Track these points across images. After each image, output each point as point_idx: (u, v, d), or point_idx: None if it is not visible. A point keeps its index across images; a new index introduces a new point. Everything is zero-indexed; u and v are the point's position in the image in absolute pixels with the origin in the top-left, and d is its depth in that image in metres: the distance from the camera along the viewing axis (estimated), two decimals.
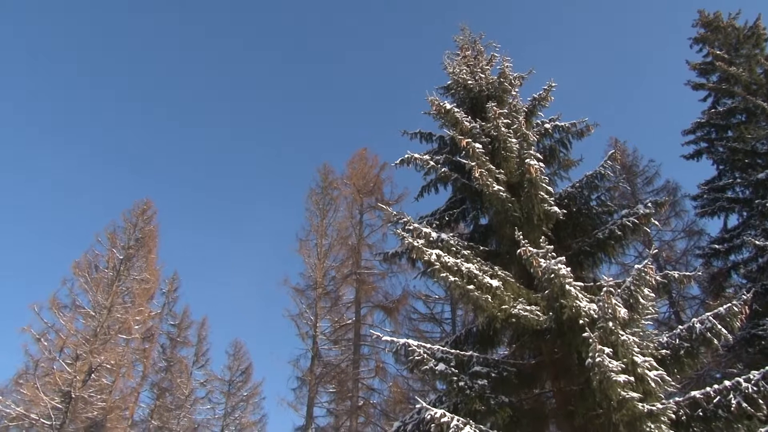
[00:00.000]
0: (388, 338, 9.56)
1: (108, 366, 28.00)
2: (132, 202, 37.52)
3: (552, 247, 9.25)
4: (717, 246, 19.64)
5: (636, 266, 9.19)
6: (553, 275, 8.61)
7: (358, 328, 29.00)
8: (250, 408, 38.29)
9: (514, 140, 11.69)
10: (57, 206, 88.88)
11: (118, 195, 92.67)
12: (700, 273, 13.44)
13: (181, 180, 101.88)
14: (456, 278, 9.18)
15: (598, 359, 7.55)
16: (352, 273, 29.88)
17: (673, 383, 9.24)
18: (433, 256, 9.52)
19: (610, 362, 7.56)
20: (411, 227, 10.99)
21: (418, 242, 9.89)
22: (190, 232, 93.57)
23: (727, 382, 8.64)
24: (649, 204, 11.09)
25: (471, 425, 8.05)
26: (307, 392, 29.03)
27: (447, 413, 8.13)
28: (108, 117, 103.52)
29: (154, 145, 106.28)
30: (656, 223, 11.55)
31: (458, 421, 8.02)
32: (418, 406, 8.62)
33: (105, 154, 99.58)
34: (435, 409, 8.19)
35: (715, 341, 9.13)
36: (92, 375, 27.27)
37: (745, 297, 9.42)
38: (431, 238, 10.76)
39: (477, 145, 11.36)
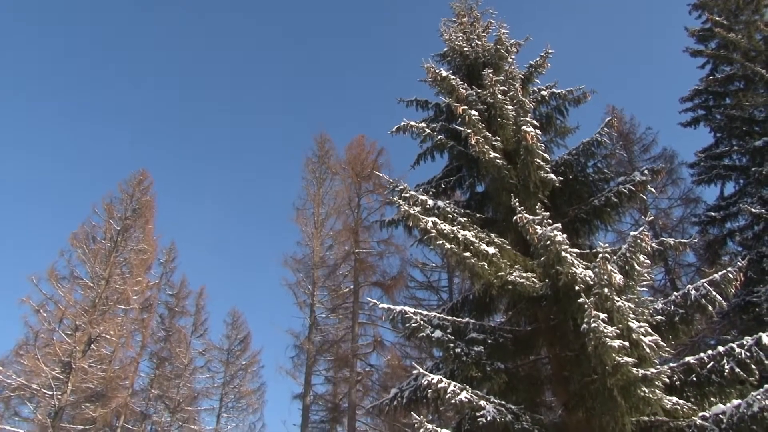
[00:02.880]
0: (385, 306, 9.60)
1: (107, 336, 28.17)
2: (128, 172, 37.33)
3: (548, 214, 9.25)
4: (713, 214, 19.69)
5: (632, 233, 9.20)
6: (549, 242, 8.62)
7: (356, 308, 29.22)
8: (248, 377, 38.62)
9: (510, 107, 11.63)
10: (53, 177, 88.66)
11: (115, 165, 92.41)
12: (695, 240, 13.48)
13: (178, 150, 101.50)
14: (452, 245, 9.20)
15: (593, 325, 7.60)
16: (351, 253, 30.01)
17: (667, 349, 9.32)
18: (429, 224, 9.52)
19: (605, 328, 7.60)
20: (407, 195, 10.98)
21: (414, 210, 9.89)
22: (187, 202, 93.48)
23: (720, 348, 8.71)
24: (646, 171, 11.08)
25: (467, 391, 8.13)
26: (305, 360, 29.29)
27: (444, 379, 8.21)
28: (104, 85, 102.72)
29: (152, 114, 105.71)
30: (653, 190, 11.56)
31: (455, 386, 8.10)
32: (415, 372, 8.69)
33: (100, 123, 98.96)
34: (432, 375, 8.27)
35: (710, 308, 9.18)
36: (92, 345, 27.44)
37: (740, 264, 9.45)
38: (427, 206, 10.76)
39: (473, 112, 11.31)
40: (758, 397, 7.58)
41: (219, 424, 36.37)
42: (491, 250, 9.32)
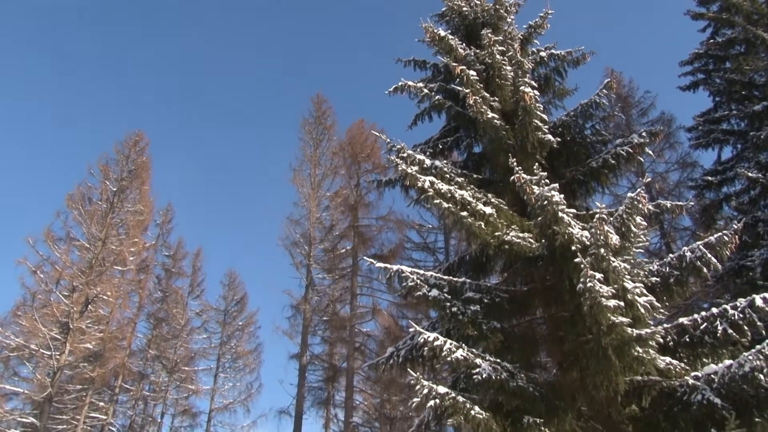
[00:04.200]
0: (382, 265, 9.63)
1: (104, 297, 28.25)
2: (124, 133, 37.05)
3: (545, 174, 9.23)
4: (710, 178, 19.68)
5: (629, 194, 9.20)
6: (546, 202, 8.61)
7: (354, 280, 29.46)
8: (245, 337, 38.90)
9: (508, 68, 11.54)
10: (49, 137, 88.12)
11: (110, 125, 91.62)
12: (692, 204, 13.50)
13: (174, 110, 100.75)
14: (449, 205, 9.19)
15: (589, 284, 7.63)
16: (351, 227, 30.24)
17: (662, 311, 9.39)
18: (427, 183, 9.51)
19: (600, 287, 7.64)
20: (405, 154, 10.94)
21: (411, 169, 9.86)
22: (184, 162, 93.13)
23: (714, 310, 8.76)
24: (644, 134, 11.05)
25: (463, 349, 8.19)
26: (302, 321, 29.53)
27: (440, 337, 8.26)
28: (98, 42, 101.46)
29: (147, 73, 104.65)
30: (650, 153, 11.53)
31: (451, 344, 8.16)
32: (411, 329, 8.75)
33: (95, 83, 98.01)
34: (428, 333, 8.32)
35: (705, 270, 9.21)
36: (89, 306, 27.53)
37: (735, 227, 9.47)
38: (425, 165, 10.73)
39: (471, 72, 11.21)
40: (750, 357, 7.64)
41: (216, 384, 36.74)
42: (488, 210, 9.32)
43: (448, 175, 10.60)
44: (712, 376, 8.05)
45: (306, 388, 29.19)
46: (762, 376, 7.48)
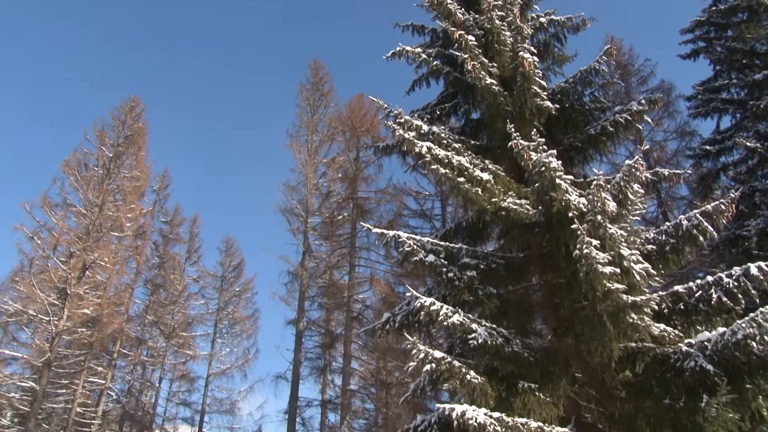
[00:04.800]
0: (379, 230, 9.62)
1: (102, 263, 28.34)
2: (120, 98, 36.82)
3: (543, 140, 9.19)
4: (708, 147, 19.63)
5: (627, 162, 9.17)
6: (543, 168, 8.58)
7: (353, 252, 29.55)
8: (242, 303, 39.13)
9: (507, 33, 11.40)
10: (43, 102, 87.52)
11: (105, 89, 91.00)
12: (689, 173, 13.48)
13: (170, 77, 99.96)
14: (447, 170, 9.15)
15: (585, 251, 7.64)
16: (350, 199, 30.34)
17: (657, 279, 9.43)
18: (424, 149, 9.45)
19: (597, 254, 7.65)
20: (402, 120, 10.87)
21: (409, 135, 9.79)
22: (180, 129, 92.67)
23: (709, 278, 8.79)
24: (643, 101, 10.96)
25: (459, 314, 8.23)
26: (299, 287, 29.69)
27: (436, 302, 8.29)
28: (94, 8, 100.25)
29: (142, 36, 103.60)
30: (649, 120, 11.47)
31: (447, 309, 8.20)
32: (407, 294, 8.77)
33: (89, 46, 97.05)
34: (425, 298, 8.34)
35: (701, 238, 9.21)
36: (86, 272, 27.63)
37: (732, 195, 9.46)
38: (422, 131, 10.66)
39: (470, 37, 11.08)
40: (743, 325, 7.68)
41: (213, 350, 37.04)
42: (485, 176, 9.29)
43: (445, 141, 10.55)
44: (706, 343, 8.09)
45: (303, 354, 29.46)
46: (754, 344, 7.53)
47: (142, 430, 35.32)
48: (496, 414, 7.10)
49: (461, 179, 9.10)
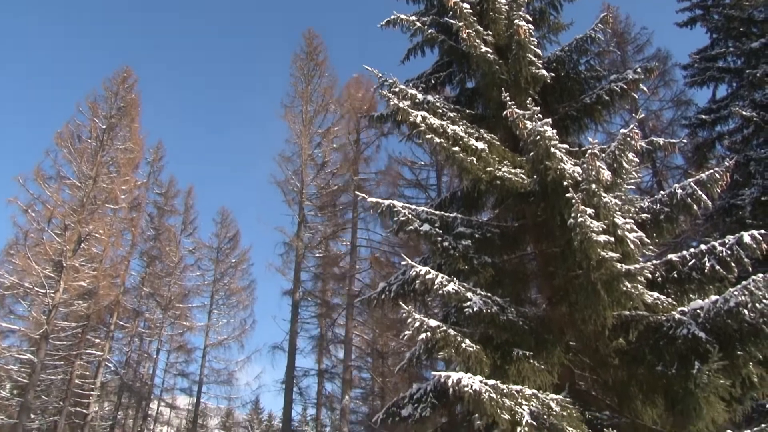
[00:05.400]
0: (374, 200, 9.61)
1: (97, 235, 28.32)
2: (112, 70, 36.48)
3: (538, 109, 9.14)
4: (703, 116, 19.56)
5: (622, 130, 9.13)
6: (538, 137, 8.55)
7: (354, 237, 29.68)
8: (238, 274, 39.33)
9: (503, 1, 11.30)
10: (36, 76, 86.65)
11: (99, 63, 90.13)
12: (684, 142, 13.46)
13: (163, 49, 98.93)
14: (441, 140, 9.11)
15: (580, 219, 7.64)
16: (351, 181, 30.39)
17: (651, 248, 9.46)
18: (419, 118, 9.40)
19: (591, 223, 7.66)
20: (397, 89, 10.80)
21: (403, 104, 9.73)
22: (174, 101, 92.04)
23: (703, 246, 8.80)
24: (639, 70, 10.89)
25: (454, 282, 8.25)
26: (294, 257, 29.78)
27: (432, 270, 8.31)
28: None
29: (136, 10, 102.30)
30: (644, 89, 11.39)
31: (442, 278, 8.22)
32: (403, 263, 8.79)
33: (84, 20, 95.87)
34: (420, 267, 8.36)
35: (695, 207, 9.22)
36: (82, 244, 27.61)
37: (727, 164, 9.45)
38: (417, 100, 10.60)
39: (465, 5, 10.96)
40: (735, 293, 7.72)
41: (210, 321, 37.27)
42: (480, 145, 9.26)
43: (440, 110, 10.49)
44: (698, 311, 8.14)
45: (299, 324, 29.66)
46: (746, 312, 7.58)
47: (141, 401, 35.66)
48: (491, 381, 7.16)
49: (456, 148, 9.07)
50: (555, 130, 8.78)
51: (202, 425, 41.93)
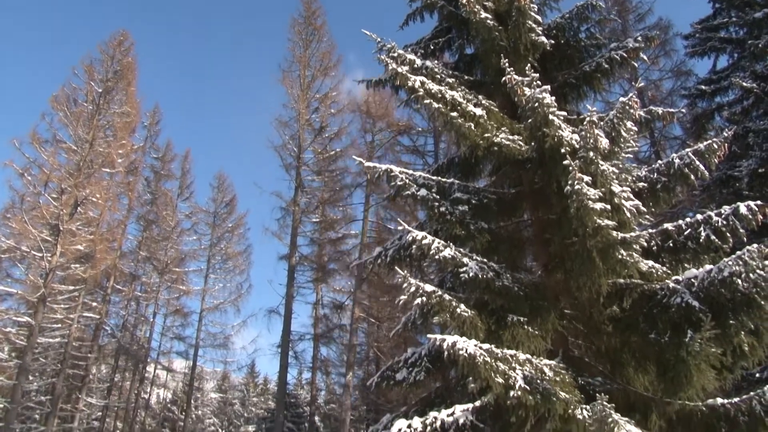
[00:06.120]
0: (371, 164, 9.58)
1: (93, 199, 28.31)
2: (108, 33, 36.12)
3: (538, 75, 9.08)
4: (703, 87, 19.48)
5: (621, 99, 9.07)
6: (537, 104, 8.50)
7: (365, 224, 29.70)
8: (235, 239, 39.52)
9: None
10: (31, 38, 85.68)
11: (95, 26, 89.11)
12: (683, 112, 13.41)
13: (159, 11, 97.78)
14: (440, 105, 9.04)
15: (576, 187, 7.64)
16: (362, 172, 30.39)
17: (647, 217, 9.48)
18: (417, 83, 9.32)
19: (588, 190, 7.65)
20: (395, 54, 10.70)
21: (402, 69, 9.64)
22: (170, 65, 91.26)
23: (699, 216, 8.82)
24: (639, 38, 10.79)
25: (451, 247, 8.26)
26: (291, 222, 29.87)
27: (428, 235, 8.31)
28: None
29: None
30: (645, 58, 11.29)
31: (439, 243, 8.22)
32: (399, 228, 8.79)
33: None
34: (416, 231, 8.36)
35: (692, 177, 9.23)
36: (78, 208, 27.60)
37: (725, 135, 9.44)
38: (416, 66, 10.50)
39: None
40: (729, 263, 7.76)
41: (206, 285, 37.51)
42: (478, 111, 9.20)
43: (439, 76, 10.40)
44: (692, 280, 8.18)
45: (295, 289, 29.86)
46: (740, 281, 7.63)
47: (138, 364, 35.99)
48: (486, 345, 7.21)
49: (454, 114, 9.02)
50: (554, 98, 8.73)
51: (198, 388, 42.47)
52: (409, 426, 8.41)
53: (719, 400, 7.85)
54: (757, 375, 13.04)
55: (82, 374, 30.86)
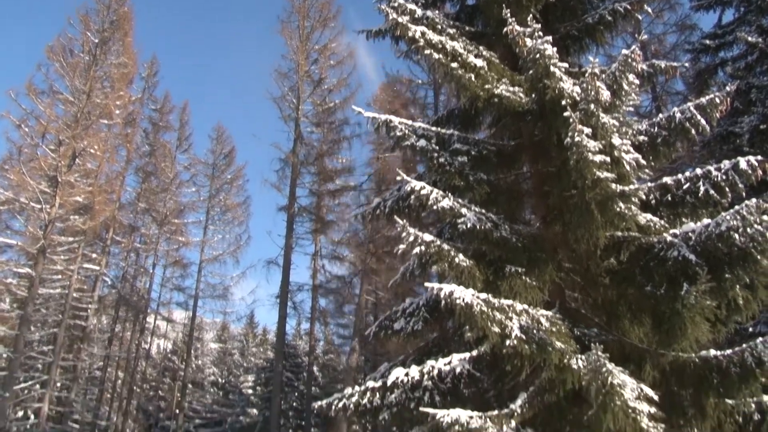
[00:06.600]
0: (371, 114, 9.53)
1: (91, 151, 28.25)
2: None
3: (539, 26, 8.95)
4: (707, 41, 19.19)
5: (623, 51, 8.96)
6: (538, 55, 8.41)
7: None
8: (234, 190, 39.57)
9: None
10: None
11: None
12: (686, 66, 13.27)
13: None
14: (440, 56, 8.93)
15: (577, 139, 7.61)
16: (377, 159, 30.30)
17: (647, 171, 9.47)
18: (417, 33, 9.19)
19: (588, 142, 7.62)
20: (396, 4, 10.52)
21: (402, 18, 9.49)
22: (166, 15, 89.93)
23: (698, 170, 8.82)
24: None
25: (449, 198, 8.27)
26: (290, 174, 29.87)
27: (427, 185, 8.31)
28: None
29: None
30: (649, 11, 11.14)
31: (437, 193, 8.22)
32: (398, 178, 8.78)
33: None
34: (415, 182, 8.35)
35: (693, 132, 9.16)
36: (76, 160, 27.56)
37: (728, 89, 9.35)
38: (416, 15, 10.33)
39: None
40: (727, 217, 7.77)
41: (206, 236, 37.69)
42: (479, 62, 9.09)
43: (439, 27, 10.24)
44: (690, 234, 8.21)
45: (294, 240, 30.02)
46: (737, 236, 7.66)
47: (138, 315, 36.37)
48: (483, 295, 7.27)
49: (454, 65, 8.92)
50: (555, 49, 8.62)
51: (197, 338, 43.00)
52: (407, 374, 8.55)
53: (712, 352, 7.95)
54: (750, 329, 13.16)
55: (83, 325, 31.19)
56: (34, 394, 28.45)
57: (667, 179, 9.02)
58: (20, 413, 29.60)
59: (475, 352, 8.53)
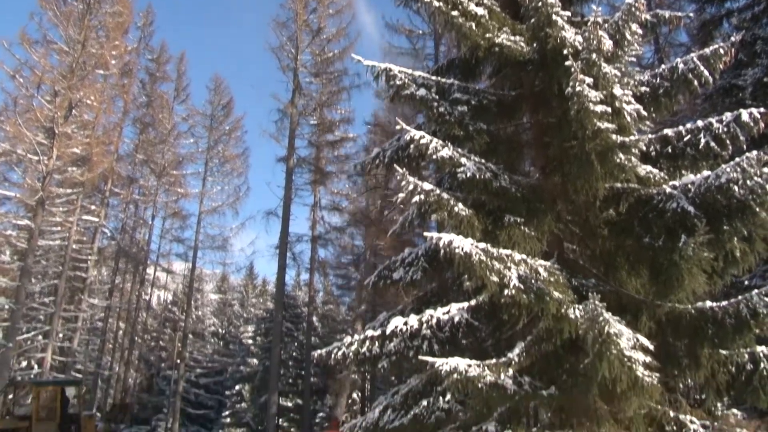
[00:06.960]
0: (370, 63, 9.40)
1: (88, 102, 28.00)
2: None
3: None
4: None
5: (627, 0, 8.83)
6: (540, 3, 8.27)
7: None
8: (232, 141, 39.30)
9: None
10: None
11: None
12: (690, 16, 13.08)
13: None
14: (440, 4, 8.75)
15: (578, 88, 7.53)
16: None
17: (648, 123, 9.41)
18: None
19: (589, 92, 7.55)
20: None
21: None
22: None
23: (700, 122, 8.77)
24: None
25: (449, 147, 8.23)
26: (289, 124, 29.71)
27: (426, 135, 8.27)
28: None
29: None
30: None
31: (437, 142, 8.18)
32: (397, 127, 8.73)
33: None
34: (415, 131, 8.30)
35: (696, 83, 9.07)
36: (73, 111, 27.34)
37: (733, 40, 9.22)
38: None
39: None
40: (727, 169, 7.75)
41: (204, 188, 37.60)
42: (480, 11, 8.93)
43: None
44: (689, 186, 8.20)
45: (293, 191, 30.03)
46: (736, 188, 7.67)
47: (138, 266, 36.60)
48: (482, 244, 7.29)
49: (455, 13, 8.77)
50: None
51: (197, 289, 43.31)
52: (406, 323, 8.64)
53: (708, 304, 8.00)
54: (746, 282, 13.26)
55: (83, 276, 31.40)
56: (37, 345, 28.85)
57: (668, 131, 8.98)
58: (24, 363, 30.07)
59: (473, 302, 8.61)
